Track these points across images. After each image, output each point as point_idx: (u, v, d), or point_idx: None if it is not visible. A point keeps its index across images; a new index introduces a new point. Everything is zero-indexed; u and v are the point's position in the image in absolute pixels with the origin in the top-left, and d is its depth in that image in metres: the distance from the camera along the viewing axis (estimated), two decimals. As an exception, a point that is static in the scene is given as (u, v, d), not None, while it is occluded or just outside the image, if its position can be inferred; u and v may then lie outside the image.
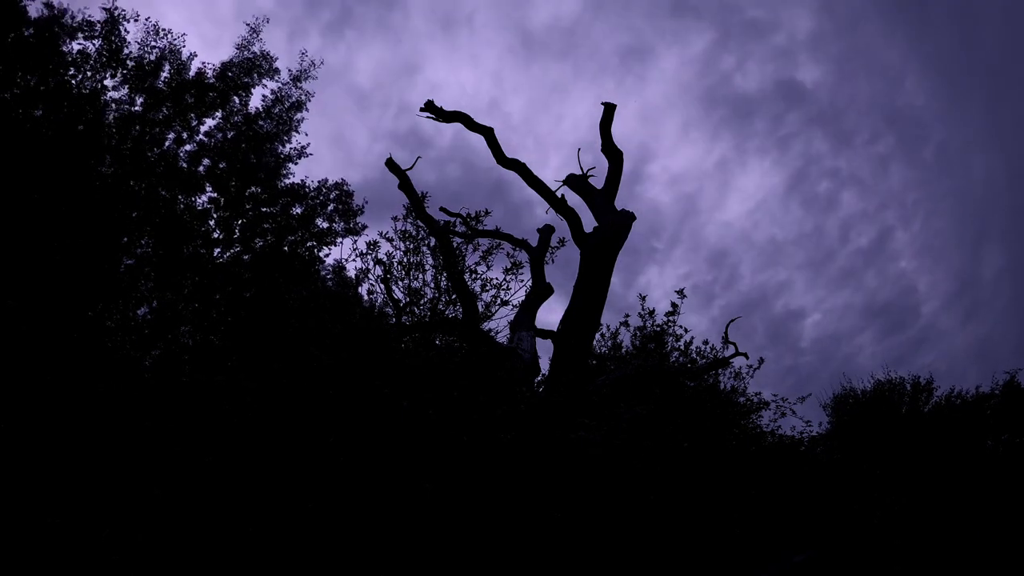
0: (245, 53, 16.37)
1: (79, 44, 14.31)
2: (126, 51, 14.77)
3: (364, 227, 18.10)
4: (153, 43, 15.13)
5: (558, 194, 10.69)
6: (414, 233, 13.91)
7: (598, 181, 10.88)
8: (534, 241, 13.29)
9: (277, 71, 16.74)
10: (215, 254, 15.70)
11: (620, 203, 10.48)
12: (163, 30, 15.19)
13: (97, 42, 14.47)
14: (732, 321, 12.40)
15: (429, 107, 10.23)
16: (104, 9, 14.30)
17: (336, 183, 17.94)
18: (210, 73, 15.84)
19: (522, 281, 13.63)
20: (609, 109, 10.50)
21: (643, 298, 13.67)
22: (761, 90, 75.17)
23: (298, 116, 17.15)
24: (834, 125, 74.56)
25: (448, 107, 10.40)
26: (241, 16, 46.87)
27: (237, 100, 16.40)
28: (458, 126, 10.63)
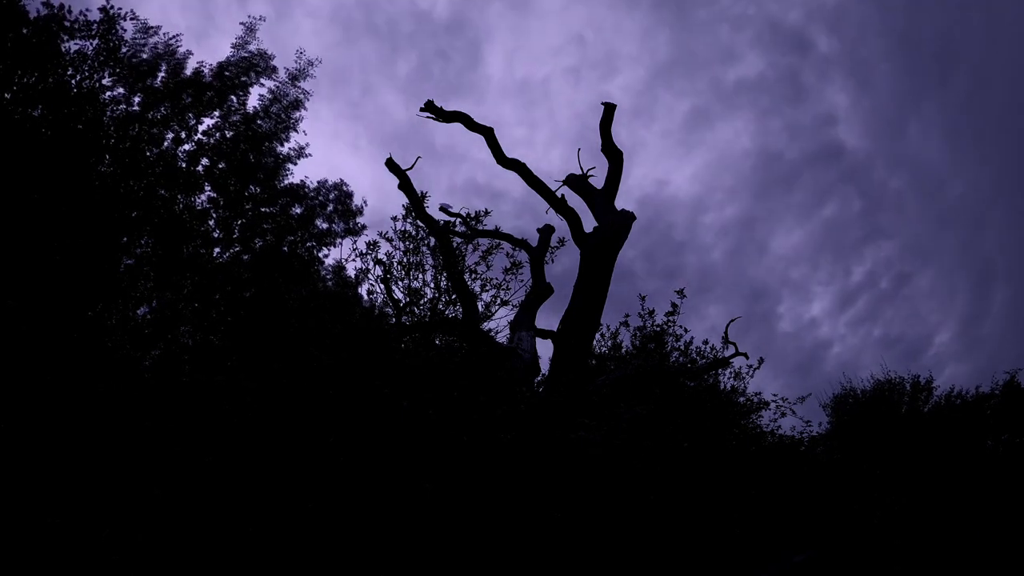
0: (242, 52, 16.34)
1: (77, 43, 14.30)
2: (123, 50, 14.74)
3: (364, 227, 18.12)
4: (149, 42, 15.13)
5: (558, 194, 10.70)
6: (414, 233, 13.93)
7: (598, 181, 10.89)
8: (534, 241, 13.30)
9: (274, 69, 16.70)
10: (215, 254, 15.68)
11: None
12: (159, 29, 15.19)
13: (95, 41, 14.45)
14: (732, 321, 12.42)
15: (429, 107, 10.23)
16: (100, 9, 14.28)
17: (335, 183, 17.96)
18: (207, 72, 15.82)
19: (522, 281, 13.64)
20: (609, 109, 10.50)
21: (643, 298, 13.67)
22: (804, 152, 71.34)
23: (296, 115, 17.12)
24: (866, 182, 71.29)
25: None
26: (238, 16, 46.89)
27: (235, 99, 16.36)
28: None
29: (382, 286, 13.18)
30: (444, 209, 13.79)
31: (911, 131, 67.21)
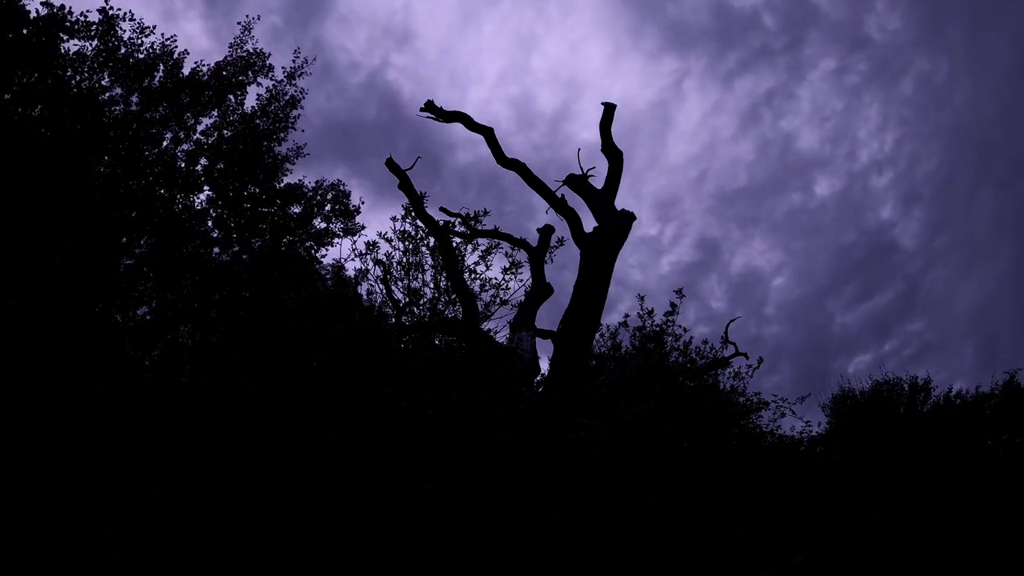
0: (239, 52, 16.35)
1: (76, 44, 14.31)
2: (122, 51, 14.75)
3: (362, 227, 18.16)
4: (147, 43, 15.12)
5: (558, 194, 10.69)
6: (413, 233, 13.93)
7: (597, 181, 10.89)
8: (534, 241, 13.30)
9: (271, 68, 16.72)
10: (214, 254, 15.68)
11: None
12: (155, 29, 15.19)
13: (94, 42, 14.46)
14: (732, 321, 12.42)
15: (429, 107, 10.23)
16: (99, 10, 14.28)
17: (333, 183, 17.98)
18: (205, 72, 15.83)
19: (521, 281, 13.64)
20: (609, 109, 10.51)
21: (642, 298, 13.68)
22: (696, 15, 72.71)
23: (294, 113, 17.15)
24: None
25: (361, 44, 10.41)
26: (235, 16, 46.86)
27: (233, 99, 16.36)
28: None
29: (382, 286, 13.19)
30: (444, 209, 13.81)
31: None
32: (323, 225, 17.82)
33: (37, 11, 13.76)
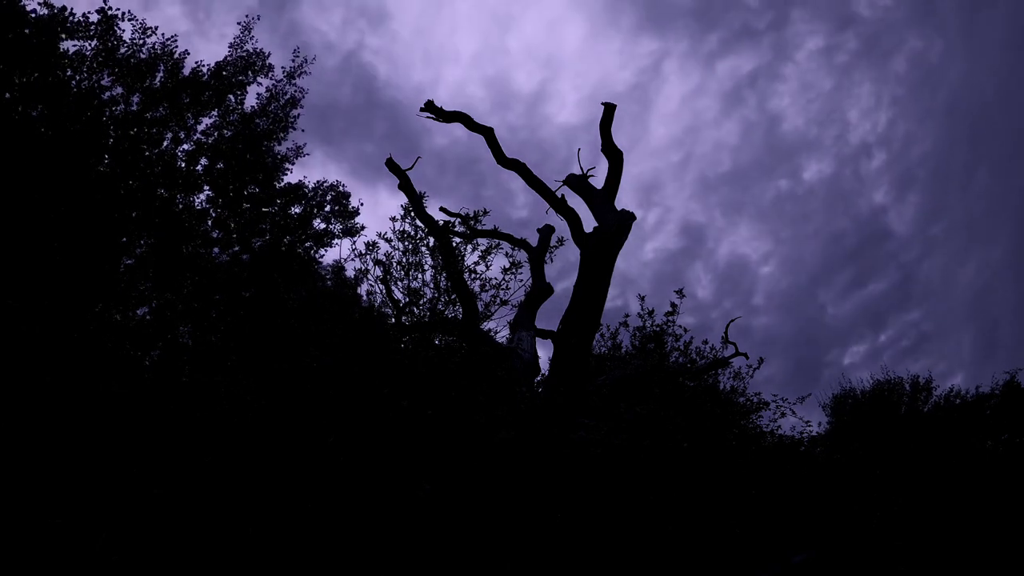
0: (239, 51, 16.36)
1: (76, 44, 14.32)
2: (122, 50, 14.76)
3: (362, 227, 18.19)
4: (147, 42, 15.13)
5: (558, 194, 10.68)
6: (413, 233, 13.91)
7: (598, 181, 10.88)
8: (534, 241, 13.30)
9: (271, 67, 16.74)
10: (214, 254, 15.68)
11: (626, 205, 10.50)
12: (157, 29, 15.19)
13: (94, 42, 14.46)
14: (732, 321, 12.42)
15: (429, 107, 10.22)
16: (98, 10, 14.28)
17: (332, 184, 18.00)
18: (205, 72, 15.83)
19: (522, 281, 13.62)
20: (609, 109, 10.49)
21: (642, 298, 13.65)
22: None
23: (294, 113, 17.17)
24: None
25: (336, 23, 10.39)
26: (236, 16, 46.82)
27: (233, 98, 16.38)
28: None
29: (382, 286, 13.17)
30: (443, 209, 13.80)
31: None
32: (323, 225, 17.85)
33: (37, 11, 13.76)
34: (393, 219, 14.05)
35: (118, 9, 14.51)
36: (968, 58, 64.56)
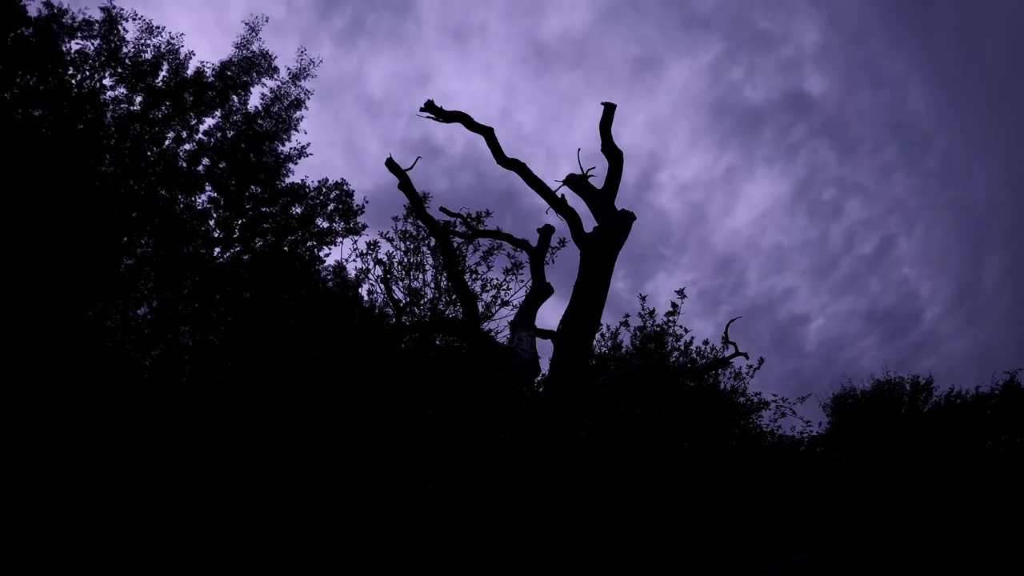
0: (244, 52, 16.37)
1: (78, 43, 14.33)
2: (124, 50, 14.77)
3: (364, 227, 18.11)
4: (151, 42, 15.14)
5: (558, 194, 10.68)
6: (414, 233, 13.92)
7: (598, 181, 10.88)
8: (534, 241, 13.30)
9: (276, 70, 16.75)
10: (215, 254, 15.69)
11: (629, 206, 10.53)
12: (161, 29, 15.20)
13: (96, 41, 14.47)
14: (732, 321, 12.43)
15: (429, 107, 10.23)
16: (102, 9, 14.30)
17: (336, 183, 17.96)
18: (209, 72, 15.84)
19: (522, 281, 13.63)
20: (609, 109, 10.49)
21: (643, 298, 13.66)
22: (769, 100, 75.30)
23: (297, 115, 17.15)
24: (840, 134, 74.76)
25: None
26: (245, 16, 46.81)
27: (236, 99, 16.39)
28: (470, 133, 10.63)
29: (382, 286, 13.18)
30: (444, 209, 13.82)
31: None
32: (325, 225, 17.82)
33: (38, 11, 13.78)
34: (395, 219, 14.08)
35: (121, 8, 14.53)
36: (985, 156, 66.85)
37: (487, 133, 10.58)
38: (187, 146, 15.73)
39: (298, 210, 17.41)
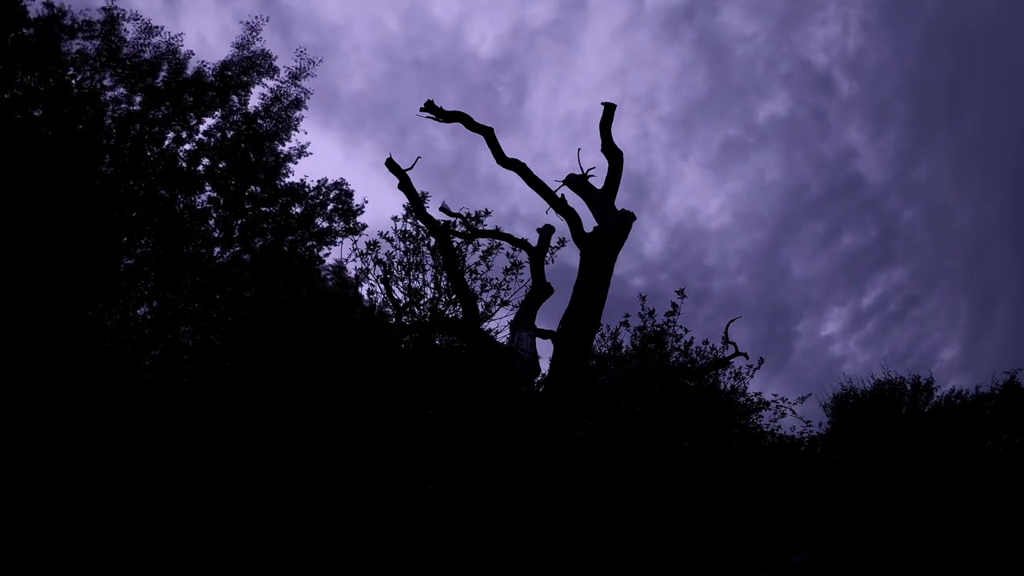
0: (244, 52, 16.38)
1: (78, 44, 14.34)
2: (125, 51, 14.77)
3: (364, 226, 18.16)
4: (151, 42, 15.15)
5: (558, 194, 10.68)
6: (414, 233, 13.92)
7: (598, 181, 10.88)
8: (534, 241, 13.30)
9: (276, 70, 16.76)
10: (215, 254, 15.70)
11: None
12: (160, 29, 15.21)
13: (96, 42, 14.48)
14: (732, 321, 12.43)
15: (429, 107, 10.23)
16: (103, 9, 14.30)
17: (336, 182, 17.98)
18: (209, 72, 15.85)
19: (522, 281, 13.63)
20: (609, 109, 10.49)
21: (643, 298, 13.65)
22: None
23: (297, 114, 17.18)
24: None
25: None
26: (238, 17, 46.75)
27: (236, 99, 16.41)
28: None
29: (382, 286, 13.18)
30: (444, 209, 13.81)
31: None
32: (325, 224, 17.84)
33: (38, 11, 13.78)
34: (395, 219, 14.08)
35: (122, 9, 14.54)
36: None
37: (487, 133, 10.58)
38: (187, 146, 15.75)
39: (298, 210, 17.43)
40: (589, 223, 10.24)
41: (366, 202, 18.07)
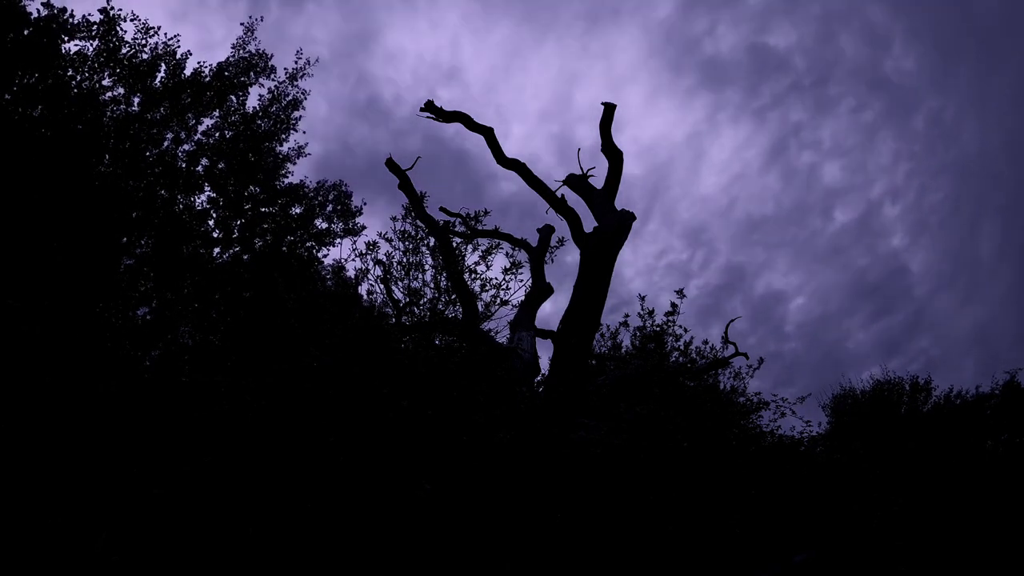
0: (241, 52, 16.39)
1: (77, 44, 14.33)
2: (123, 51, 14.76)
3: (363, 228, 18.24)
4: (149, 43, 15.13)
5: (558, 194, 10.69)
6: (413, 233, 13.94)
7: (597, 181, 10.89)
8: (534, 241, 13.31)
9: (273, 69, 16.78)
10: (214, 254, 15.70)
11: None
12: (157, 29, 15.19)
13: (95, 42, 14.47)
14: (732, 321, 12.45)
15: (429, 107, 10.23)
16: (100, 10, 14.29)
17: (335, 183, 18.04)
18: (207, 72, 15.85)
19: (522, 281, 13.64)
20: (609, 109, 10.50)
21: (642, 298, 13.68)
22: (733, 55, 72.70)
23: (295, 114, 17.19)
24: (814, 92, 72.58)
25: (407, 78, 10.40)
26: (223, 11, 46.74)
27: (234, 99, 16.41)
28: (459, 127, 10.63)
29: (382, 286, 13.19)
30: (444, 209, 13.82)
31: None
32: (324, 225, 17.88)
33: (38, 11, 13.77)
34: (394, 219, 14.10)
35: (120, 9, 14.52)
36: (978, 117, 64.98)
37: (487, 133, 10.59)
38: (186, 146, 15.74)
39: (297, 210, 17.46)
40: (589, 223, 10.25)
41: (364, 203, 18.16)
